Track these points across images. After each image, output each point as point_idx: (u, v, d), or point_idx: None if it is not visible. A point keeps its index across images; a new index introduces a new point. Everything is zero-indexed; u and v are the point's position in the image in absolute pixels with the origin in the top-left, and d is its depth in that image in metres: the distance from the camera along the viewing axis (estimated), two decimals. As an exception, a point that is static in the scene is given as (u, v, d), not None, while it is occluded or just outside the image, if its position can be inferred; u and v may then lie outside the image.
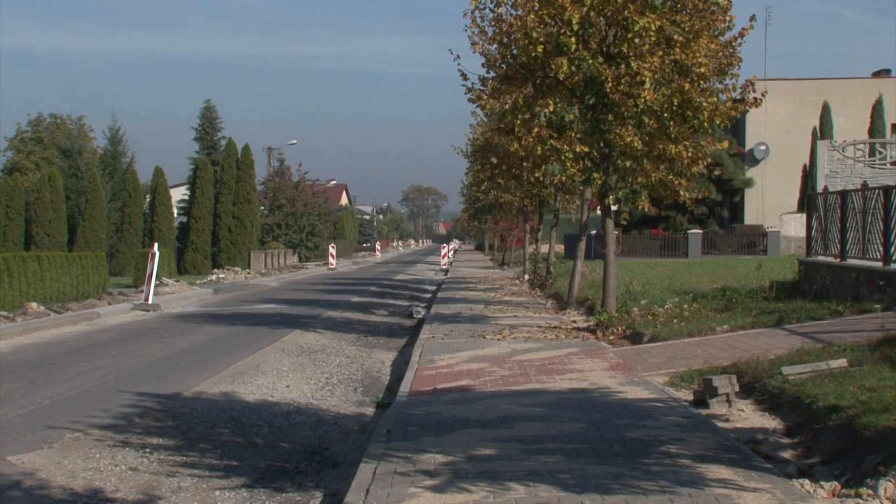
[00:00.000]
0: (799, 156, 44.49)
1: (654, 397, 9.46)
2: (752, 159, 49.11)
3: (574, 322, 17.85)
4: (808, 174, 40.23)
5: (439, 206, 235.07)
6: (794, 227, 42.74)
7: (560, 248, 56.47)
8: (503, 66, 15.97)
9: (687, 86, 14.71)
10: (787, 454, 7.34)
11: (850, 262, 15.49)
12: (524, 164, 21.99)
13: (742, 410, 8.90)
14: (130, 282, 34.99)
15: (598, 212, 20.94)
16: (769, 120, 47.76)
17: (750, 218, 48.68)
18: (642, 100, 14.69)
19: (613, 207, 16.59)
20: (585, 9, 14.79)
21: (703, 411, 8.80)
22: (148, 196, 49.46)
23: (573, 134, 15.48)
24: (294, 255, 60.26)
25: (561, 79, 15.20)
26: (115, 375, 13.06)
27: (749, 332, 12.91)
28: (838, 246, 16.32)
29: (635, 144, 15.16)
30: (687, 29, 14.65)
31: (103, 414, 10.23)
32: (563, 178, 17.25)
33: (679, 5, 14.92)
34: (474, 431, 8.07)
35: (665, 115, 15.03)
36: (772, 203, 48.42)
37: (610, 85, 14.89)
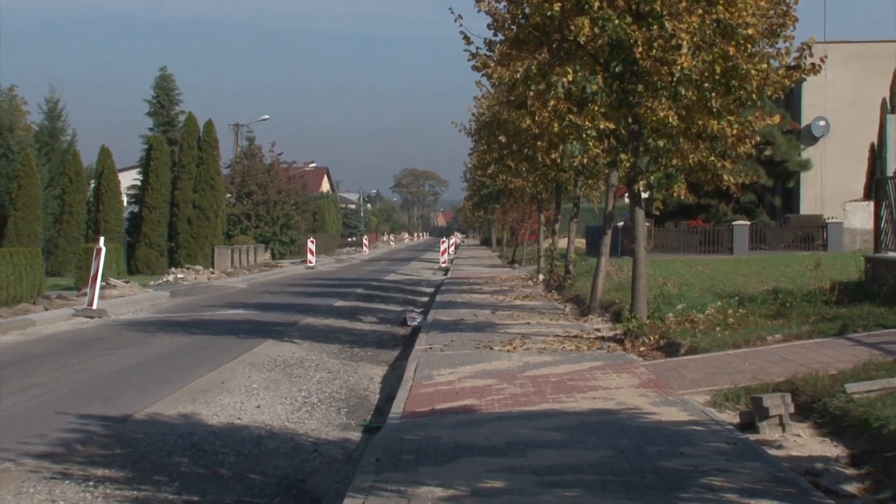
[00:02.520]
0: (866, 133, 44.50)
1: (693, 420, 9.48)
2: (809, 137, 49.16)
3: (598, 330, 17.95)
4: (877, 154, 40.23)
5: (438, 194, 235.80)
6: (860, 217, 42.77)
7: (581, 242, 56.56)
8: (513, 27, 15.96)
9: (732, 50, 14.71)
10: (852, 488, 7.33)
11: (928, 259, 15.44)
12: (538, 143, 21.88)
13: (798, 435, 8.92)
14: (71, 283, 35.04)
15: (626, 200, 20.96)
16: (830, 90, 47.79)
17: (807, 207, 48.77)
18: (678, 67, 14.68)
19: (644, 195, 16.65)
20: (610, -42, 14.79)
21: (752, 436, 8.80)
22: (92, 181, 49.55)
23: (596, 108, 15.45)
24: (266, 252, 60.43)
25: (582, 42, 15.19)
26: (52, 394, 13.05)
27: (806, 342, 12.93)
28: (913, 240, 16.27)
29: (670, 120, 15.16)
30: (732, -19, 14.62)
31: (39, 441, 10.23)
32: (585, 160, 17.30)
33: (722, -47, 14.89)
34: (480, 460, 8.07)
35: (705, 84, 15.02)
36: (833, 189, 48.47)
37: (640, 50, 14.87)
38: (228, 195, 59.27)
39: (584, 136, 15.75)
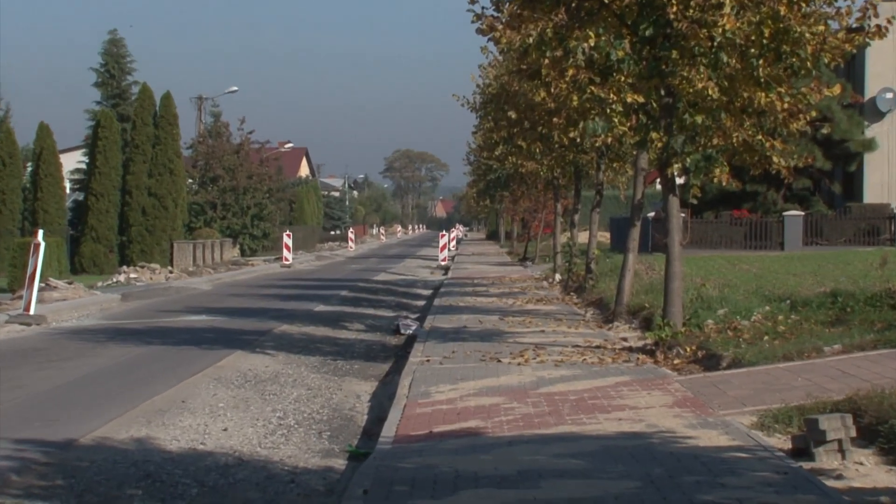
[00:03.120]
0: (939, 107, 44.46)
1: (737, 445, 9.50)
2: (874, 112, 49.14)
3: (624, 340, 18.11)
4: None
5: (436, 179, 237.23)
6: (934, 207, 42.72)
7: (605, 236, 56.68)
8: (526, -18, 15.84)
9: (783, 9, 14.67)
10: (923, 525, 7.30)
11: None
12: (554, 119, 22.03)
13: (861, 464, 8.92)
14: (4, 284, 35.00)
15: (658, 187, 20.94)
16: (898, 57, 47.75)
17: (871, 195, 48.75)
18: (719, 29, 14.62)
19: (679, 180, 16.66)
20: None
21: (806, 464, 8.81)
22: (29, 164, 49.55)
23: (623, 78, 15.41)
24: (235, 248, 60.58)
25: (606, 1, 15.18)
26: (-18, 415, 13.02)
27: (870, 353, 12.95)
28: None
29: (709, 92, 15.10)
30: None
31: (-35, 469, 10.21)
32: (609, 140, 17.24)
33: None
34: (486, 492, 8.09)
35: (751, 50, 14.96)
36: (902, 174, 48.48)
37: (675, 9, 14.84)
38: (190, 181, 59.32)
39: (608, 111, 15.75)
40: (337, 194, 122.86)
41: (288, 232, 57.13)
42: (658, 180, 18.71)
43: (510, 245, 78.60)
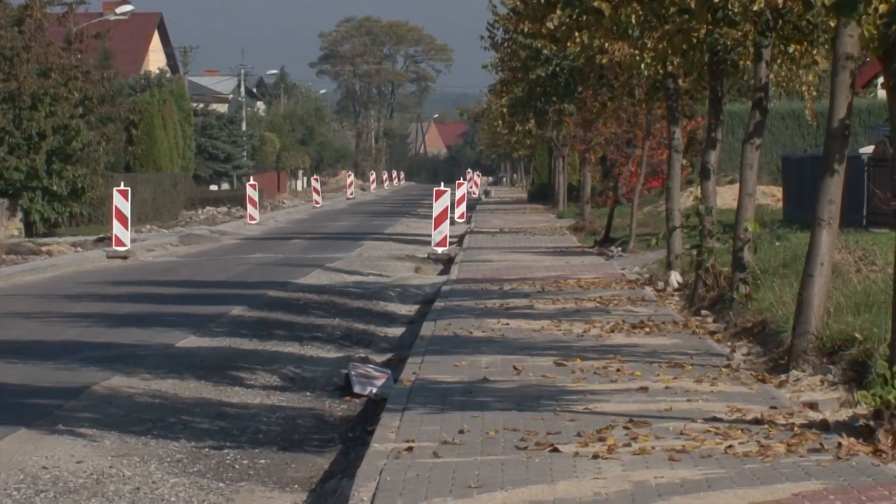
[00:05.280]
0: None
1: None
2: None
3: (811, 407, 13.76)
4: None
5: (426, 79, 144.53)
6: None
7: (771, 193, 39.56)
8: None
9: None
10: None
11: None
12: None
13: None
14: None
15: (881, 92, 16.37)
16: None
17: None
18: None
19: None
20: None
21: None
22: None
23: None
24: (13, 220, 39.41)
25: None
26: None
27: None
28: None
29: None
30: None
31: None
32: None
33: None
34: None
35: None
36: None
37: None
38: None
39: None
40: (224, 109, 77.53)
41: (124, 188, 36.11)
42: (880, 80, 17.47)
43: (577, 212, 48.21)
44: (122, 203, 34.88)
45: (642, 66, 22.40)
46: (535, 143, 59.68)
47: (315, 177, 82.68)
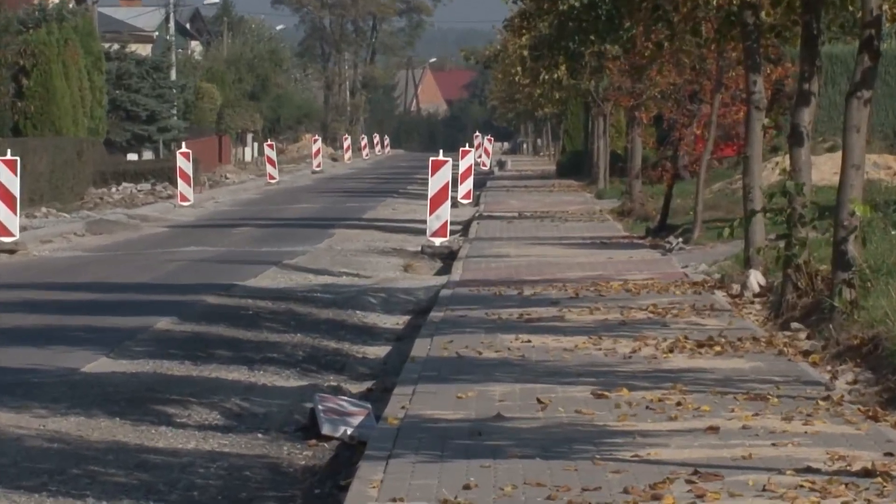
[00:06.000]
0: None
1: None
2: None
3: None
4: None
5: (420, 14, 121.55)
6: None
7: (885, 163, 33.06)
8: None
9: None
10: None
11: None
12: None
13: None
14: None
15: None
16: None
17: None
18: None
19: None
20: None
21: None
22: None
23: None
24: None
25: None
26: None
27: None
28: None
29: None
30: None
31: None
32: None
33: None
34: None
35: None
36: None
37: None
38: None
39: None
40: (148, 52, 65.42)
41: (10, 156, 30.44)
42: None
43: (623, 191, 41.05)
44: (8, 179, 29.18)
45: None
46: (567, 97, 49.12)
47: (269, 143, 68.81)
